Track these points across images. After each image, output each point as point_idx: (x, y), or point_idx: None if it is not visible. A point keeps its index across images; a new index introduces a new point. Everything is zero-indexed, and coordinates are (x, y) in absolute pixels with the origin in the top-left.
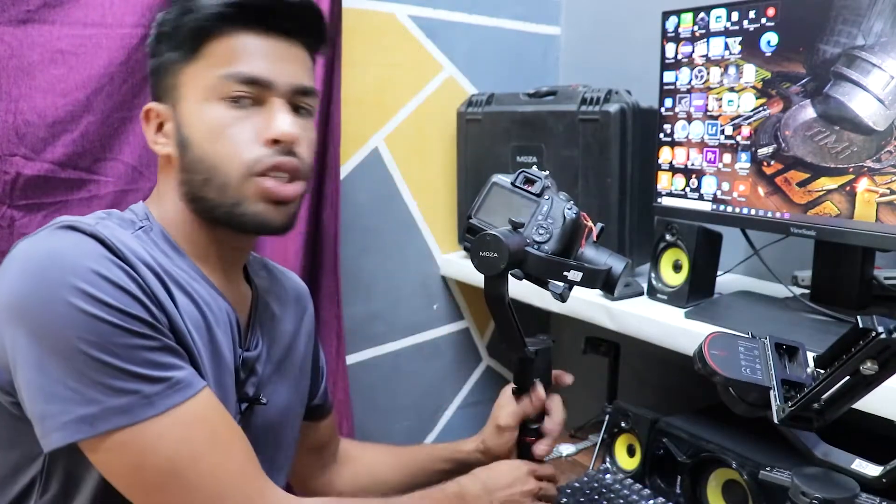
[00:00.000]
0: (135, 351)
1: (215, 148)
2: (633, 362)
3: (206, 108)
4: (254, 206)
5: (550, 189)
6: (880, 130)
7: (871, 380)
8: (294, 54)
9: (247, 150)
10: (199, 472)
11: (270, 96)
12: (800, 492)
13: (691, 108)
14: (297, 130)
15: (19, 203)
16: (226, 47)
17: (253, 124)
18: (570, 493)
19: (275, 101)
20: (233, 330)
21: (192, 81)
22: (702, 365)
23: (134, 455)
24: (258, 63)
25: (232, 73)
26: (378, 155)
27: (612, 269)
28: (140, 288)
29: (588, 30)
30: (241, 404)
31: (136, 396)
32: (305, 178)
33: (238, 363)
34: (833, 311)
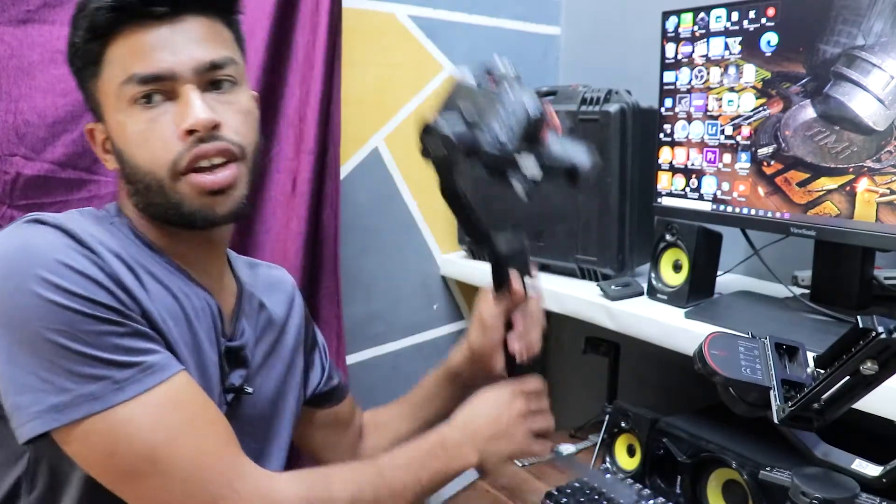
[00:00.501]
0: (103, 337)
1: (141, 154)
2: (633, 362)
3: (124, 117)
4: (193, 203)
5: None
6: (880, 130)
7: (871, 380)
8: (192, 32)
9: (168, 149)
10: (173, 456)
11: (178, 86)
12: (800, 492)
13: (691, 108)
14: (211, 114)
15: (19, 203)
16: (120, 51)
17: (169, 120)
18: (570, 493)
19: (184, 89)
20: (214, 320)
21: (105, 94)
22: (702, 365)
23: (107, 442)
24: (155, 57)
25: (133, 76)
26: (378, 155)
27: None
28: (107, 275)
29: (588, 30)
30: (227, 394)
31: (107, 382)
32: (241, 155)
33: (221, 353)
34: (833, 311)
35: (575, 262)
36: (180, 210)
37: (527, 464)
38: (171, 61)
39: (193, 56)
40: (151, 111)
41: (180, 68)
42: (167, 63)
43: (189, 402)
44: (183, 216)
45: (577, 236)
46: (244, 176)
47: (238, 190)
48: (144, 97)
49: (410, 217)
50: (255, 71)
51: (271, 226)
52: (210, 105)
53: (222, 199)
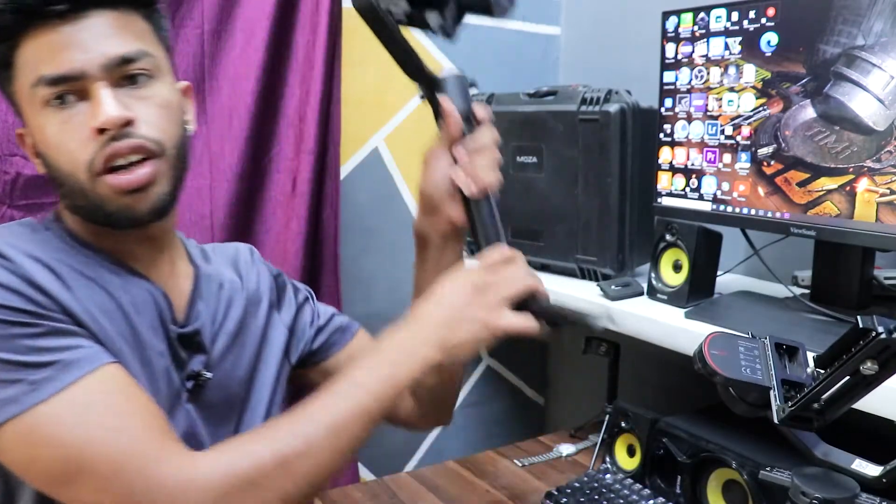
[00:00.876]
0: (14, 340)
1: (60, 157)
2: (633, 362)
3: (41, 119)
4: (113, 203)
5: None
6: (880, 130)
7: (871, 380)
8: (99, 27)
9: (83, 150)
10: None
11: (89, 84)
12: (800, 492)
13: (691, 108)
14: (122, 111)
15: (19, 203)
16: (28, 54)
17: (82, 120)
18: (570, 493)
19: (94, 87)
20: (161, 310)
21: (21, 97)
22: (702, 365)
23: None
24: (61, 57)
25: (40, 79)
26: (378, 155)
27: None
28: (18, 277)
29: (588, 30)
30: (188, 381)
31: (22, 384)
32: (159, 151)
33: (172, 340)
34: (833, 311)
35: (575, 262)
36: (103, 211)
37: (527, 464)
38: (79, 60)
39: (102, 52)
40: (64, 112)
41: (88, 66)
42: (75, 62)
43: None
44: (106, 217)
45: (577, 236)
46: (164, 172)
47: (158, 187)
48: (57, 98)
49: (410, 217)
50: (255, 71)
51: (271, 226)
52: (123, 101)
53: (142, 198)
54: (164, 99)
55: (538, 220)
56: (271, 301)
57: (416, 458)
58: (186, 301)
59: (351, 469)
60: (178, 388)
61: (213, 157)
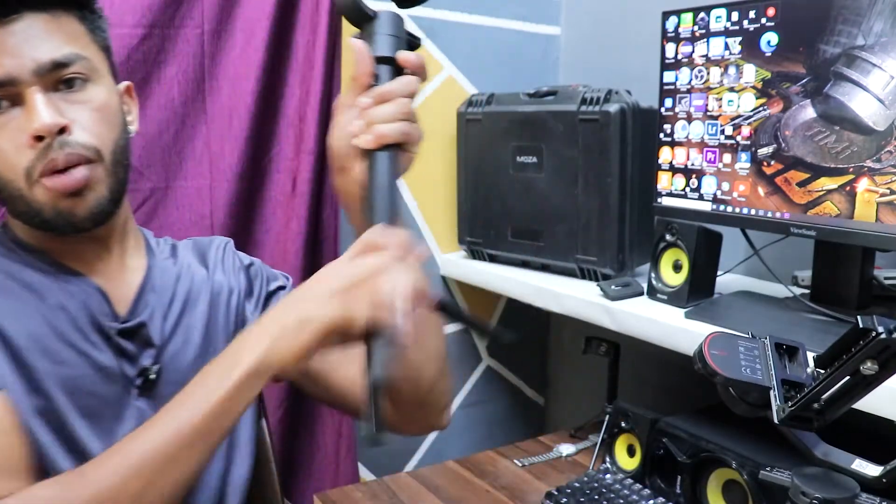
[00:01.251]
0: None
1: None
2: (633, 362)
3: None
4: (52, 209)
5: None
6: (880, 130)
7: (871, 380)
8: (30, 30)
9: (20, 158)
10: None
11: (23, 90)
12: (800, 492)
13: (691, 108)
14: (56, 117)
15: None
16: None
17: (17, 127)
18: (570, 493)
19: (28, 92)
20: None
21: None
22: (702, 365)
23: None
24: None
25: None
26: None
27: None
28: None
29: (588, 30)
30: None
31: None
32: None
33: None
34: (833, 311)
35: (575, 262)
36: (41, 217)
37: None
38: (9, 65)
39: (33, 57)
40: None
41: (19, 71)
42: (6, 68)
43: None
44: (46, 223)
45: (577, 236)
46: (101, 176)
47: (95, 192)
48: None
49: (410, 217)
50: (255, 71)
51: (271, 226)
52: (58, 106)
53: (79, 202)
54: (101, 102)
55: (538, 220)
56: (240, 292)
57: (416, 458)
58: (133, 295)
59: (351, 469)
60: (126, 385)
61: (213, 157)
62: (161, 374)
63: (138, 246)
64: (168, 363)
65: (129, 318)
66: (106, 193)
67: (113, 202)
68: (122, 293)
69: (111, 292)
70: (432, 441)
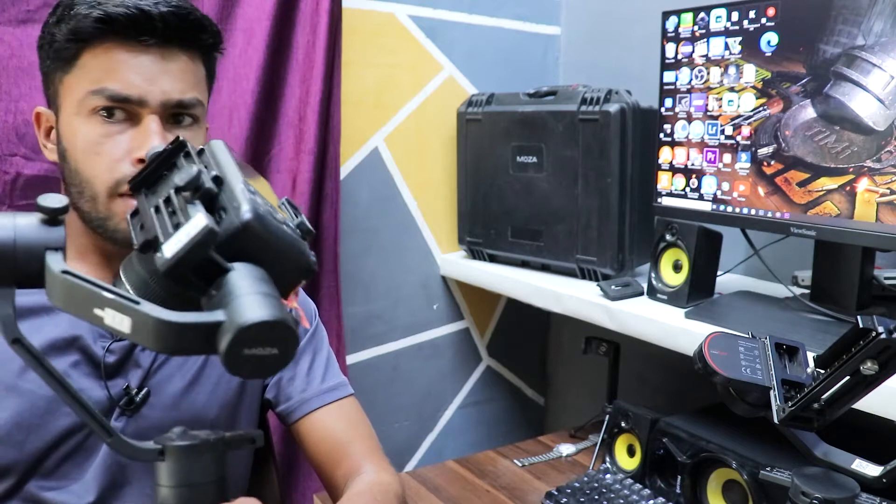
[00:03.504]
0: None
1: (87, 163)
2: (633, 362)
3: (80, 122)
4: (122, 223)
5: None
6: (880, 130)
7: (871, 380)
8: (172, 66)
9: (115, 169)
10: None
11: (144, 113)
12: (800, 492)
13: (691, 108)
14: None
15: (19, 203)
16: (99, 61)
17: (125, 141)
18: (570, 493)
19: (148, 118)
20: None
21: (69, 93)
22: (702, 365)
23: None
24: (129, 80)
25: (102, 90)
26: (378, 155)
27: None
28: None
29: (588, 30)
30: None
31: None
32: None
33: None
34: (833, 311)
35: (575, 262)
36: (106, 224)
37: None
38: (144, 89)
39: (165, 90)
40: (109, 127)
41: (150, 98)
42: (140, 90)
43: None
44: (106, 230)
45: (577, 236)
46: None
47: None
48: (106, 111)
49: (410, 217)
50: (255, 71)
51: None
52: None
53: None
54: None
55: (538, 220)
56: None
57: (416, 458)
58: None
59: None
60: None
61: None
62: (149, 396)
63: None
64: (156, 387)
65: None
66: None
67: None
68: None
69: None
70: (432, 441)
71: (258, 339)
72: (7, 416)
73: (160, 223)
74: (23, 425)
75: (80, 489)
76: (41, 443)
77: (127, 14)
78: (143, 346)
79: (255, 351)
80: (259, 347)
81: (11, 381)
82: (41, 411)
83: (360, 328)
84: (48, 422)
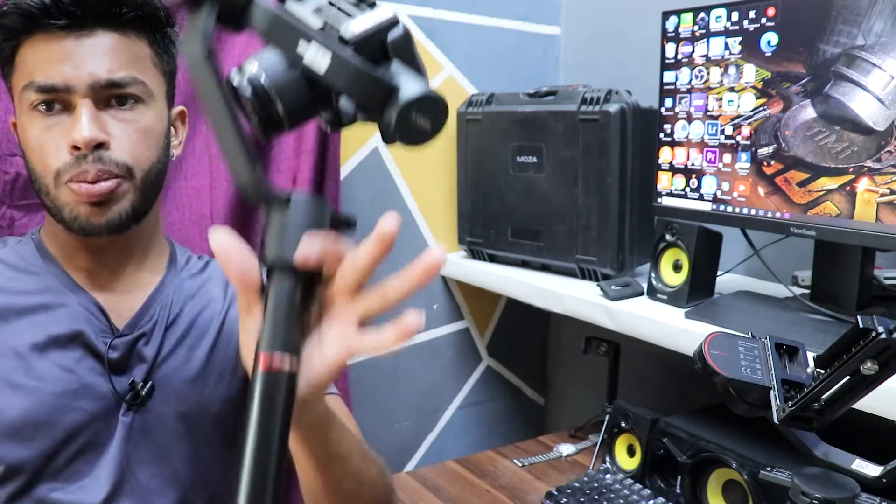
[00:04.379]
0: None
1: (35, 158)
2: (633, 362)
3: (25, 119)
4: (72, 211)
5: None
6: (880, 130)
7: (872, 380)
8: (98, 47)
9: (55, 159)
10: None
11: (75, 99)
12: (800, 492)
13: (691, 108)
14: (96, 132)
15: (19, 203)
16: (28, 56)
17: (61, 131)
18: (570, 493)
19: (78, 103)
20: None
21: (15, 94)
22: (702, 365)
23: None
24: (54, 69)
25: (31, 84)
26: (378, 155)
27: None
28: None
29: (588, 30)
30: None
31: None
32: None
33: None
34: (833, 311)
35: (575, 262)
36: (62, 215)
37: (527, 464)
38: (69, 75)
39: (91, 72)
40: (48, 119)
41: (76, 82)
42: (65, 76)
43: None
44: (63, 221)
45: (577, 236)
46: (129, 192)
47: (118, 204)
48: (44, 104)
49: (410, 217)
50: None
51: None
52: (103, 122)
53: (99, 211)
54: (146, 125)
55: (538, 220)
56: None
57: (416, 458)
58: (137, 309)
59: None
60: (115, 399)
61: (213, 157)
62: (154, 390)
63: (159, 261)
64: (162, 380)
65: (127, 332)
66: (128, 207)
67: (134, 217)
68: (126, 307)
69: (113, 307)
70: (432, 441)
71: (423, 108)
72: (15, 414)
73: (334, 12)
74: (31, 422)
75: (92, 486)
76: (51, 440)
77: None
78: (335, 87)
79: (418, 119)
80: (422, 116)
81: (18, 379)
82: (50, 408)
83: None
84: (57, 418)
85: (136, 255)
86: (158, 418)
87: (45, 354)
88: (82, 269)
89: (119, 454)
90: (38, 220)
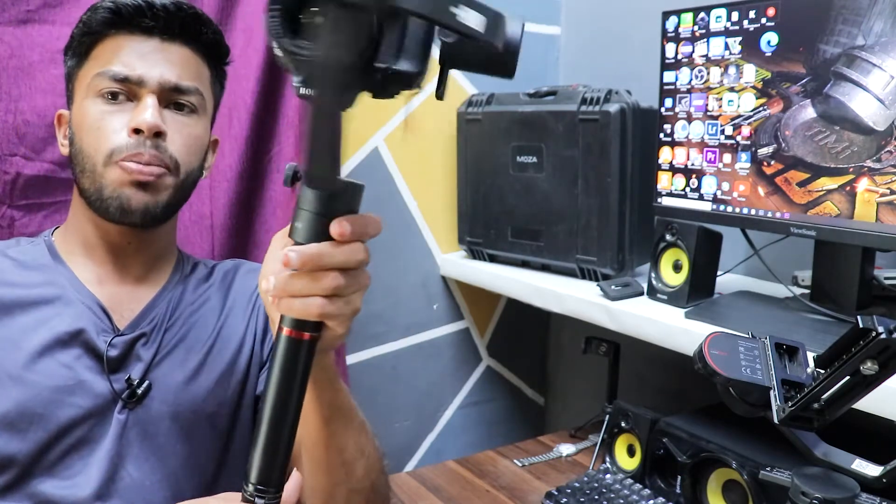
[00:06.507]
0: None
1: (89, 139)
2: (633, 362)
3: (87, 104)
4: (114, 190)
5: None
6: (880, 130)
7: (872, 380)
8: (173, 55)
9: (112, 140)
10: None
11: (142, 92)
12: (800, 492)
13: (691, 108)
14: (159, 121)
15: (19, 203)
16: (106, 49)
17: (123, 116)
18: (570, 493)
19: (144, 94)
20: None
21: (80, 83)
22: (702, 365)
23: None
24: (130, 61)
25: (106, 72)
26: (378, 155)
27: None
28: None
29: (588, 30)
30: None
31: None
32: (173, 169)
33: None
34: (833, 311)
35: (575, 262)
36: (101, 194)
37: (527, 464)
38: (142, 70)
39: (163, 73)
40: (112, 106)
41: (148, 77)
42: (139, 70)
43: None
44: (101, 202)
45: (577, 236)
46: (171, 186)
47: (160, 194)
48: (111, 94)
49: (410, 217)
50: (255, 71)
51: (272, 226)
52: (163, 117)
53: (142, 194)
54: (197, 133)
55: (538, 220)
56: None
57: (416, 458)
58: (139, 310)
59: None
60: (109, 396)
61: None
62: (150, 389)
63: (166, 266)
64: (158, 380)
65: (127, 331)
66: (164, 200)
67: (166, 211)
68: (128, 308)
69: (116, 307)
70: (432, 441)
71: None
72: (10, 406)
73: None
74: (26, 415)
75: (84, 481)
76: (45, 433)
77: (133, 4)
78: (486, 44)
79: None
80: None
81: (17, 372)
82: (46, 401)
83: (359, 328)
84: (52, 412)
85: (149, 257)
86: (153, 417)
87: (46, 350)
88: (93, 267)
89: (112, 451)
90: (38, 220)
